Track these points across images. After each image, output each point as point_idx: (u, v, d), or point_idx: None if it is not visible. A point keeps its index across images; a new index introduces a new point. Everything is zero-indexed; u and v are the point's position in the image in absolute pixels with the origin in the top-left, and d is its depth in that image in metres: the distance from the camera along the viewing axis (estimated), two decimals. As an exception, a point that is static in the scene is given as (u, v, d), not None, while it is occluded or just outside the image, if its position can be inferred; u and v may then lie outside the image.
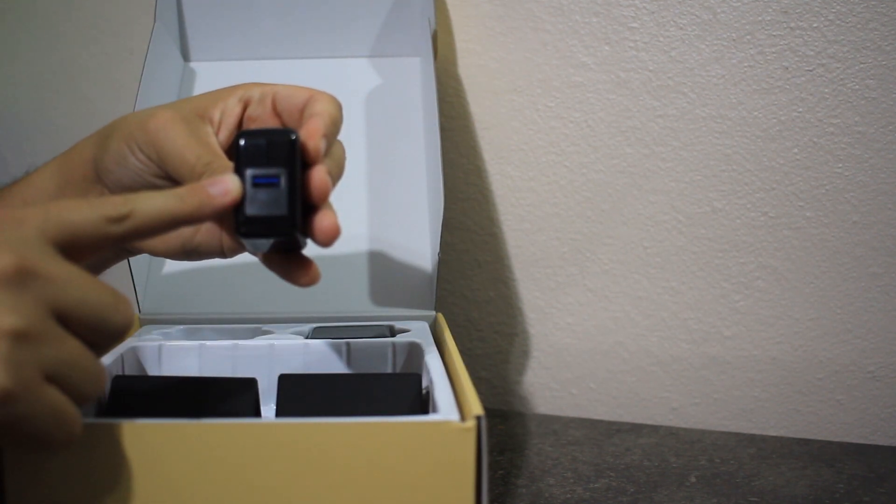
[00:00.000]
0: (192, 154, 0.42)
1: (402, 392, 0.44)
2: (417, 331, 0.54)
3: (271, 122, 0.46)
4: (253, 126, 0.46)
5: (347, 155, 0.65)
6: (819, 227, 0.66)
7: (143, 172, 0.44)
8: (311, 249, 0.48)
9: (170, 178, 0.43)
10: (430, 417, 0.38)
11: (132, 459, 0.35)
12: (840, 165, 0.64)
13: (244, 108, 0.46)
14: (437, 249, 0.58)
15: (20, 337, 0.31)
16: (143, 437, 0.35)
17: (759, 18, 0.64)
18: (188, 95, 0.67)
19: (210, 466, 0.35)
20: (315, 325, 0.56)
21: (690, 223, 0.69)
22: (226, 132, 0.45)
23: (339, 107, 0.44)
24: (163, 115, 0.43)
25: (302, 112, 0.45)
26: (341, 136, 0.68)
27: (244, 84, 0.47)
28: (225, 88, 0.47)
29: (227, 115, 0.46)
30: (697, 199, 0.68)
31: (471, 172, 0.74)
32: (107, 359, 0.46)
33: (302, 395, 0.44)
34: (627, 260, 0.71)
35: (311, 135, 0.41)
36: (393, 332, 0.55)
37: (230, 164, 0.41)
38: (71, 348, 0.33)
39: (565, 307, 0.73)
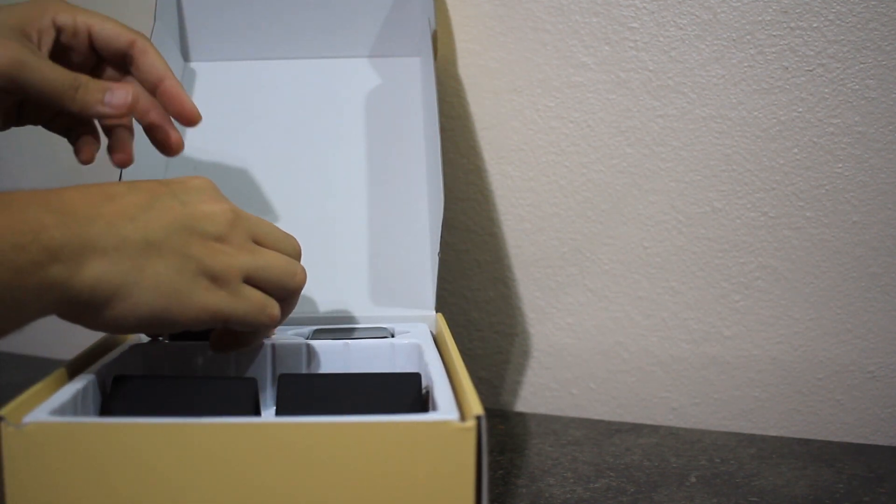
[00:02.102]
0: (61, 78, 0.44)
1: (402, 392, 0.44)
2: (417, 331, 0.54)
3: (89, 59, 0.48)
4: (68, 55, 0.47)
5: (347, 155, 0.65)
6: (819, 227, 0.65)
7: None
8: (306, 248, 0.48)
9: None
10: (430, 417, 0.38)
11: (132, 459, 0.35)
12: (840, 165, 0.64)
13: (58, 33, 0.46)
14: (437, 249, 0.58)
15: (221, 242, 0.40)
16: (143, 437, 0.35)
17: (759, 18, 0.64)
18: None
19: (210, 466, 0.35)
20: (315, 327, 0.56)
21: (690, 223, 0.69)
22: (45, 52, 0.45)
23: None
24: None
25: (125, 56, 0.47)
26: (340, 136, 0.68)
27: (52, 3, 0.46)
28: (33, 3, 0.46)
29: (44, 36, 0.45)
30: (697, 199, 0.68)
31: (471, 172, 0.74)
32: (108, 358, 0.46)
33: (302, 395, 0.44)
34: (627, 260, 0.71)
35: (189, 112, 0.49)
36: (393, 332, 0.55)
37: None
38: (266, 256, 0.42)
39: (565, 307, 0.73)
